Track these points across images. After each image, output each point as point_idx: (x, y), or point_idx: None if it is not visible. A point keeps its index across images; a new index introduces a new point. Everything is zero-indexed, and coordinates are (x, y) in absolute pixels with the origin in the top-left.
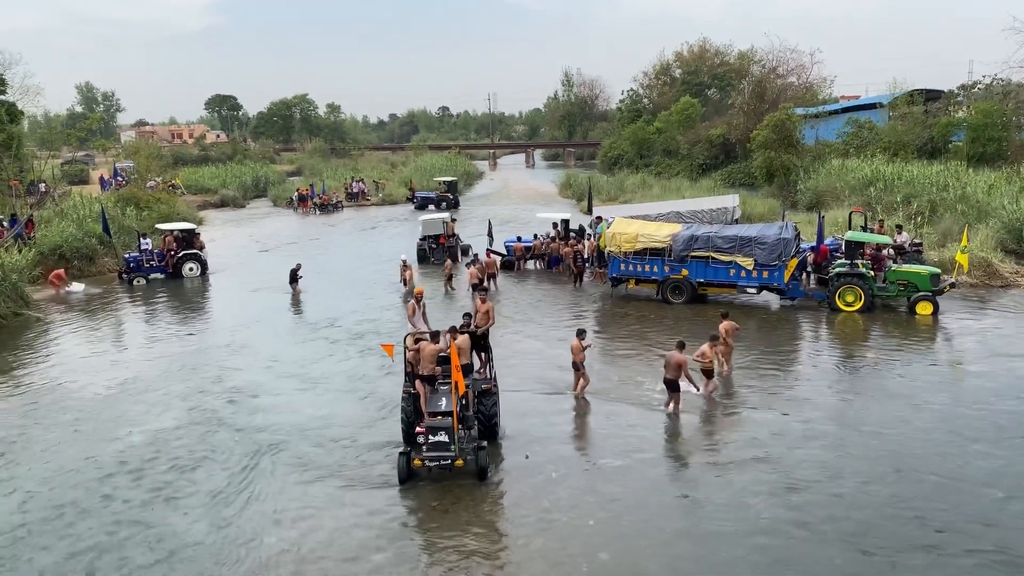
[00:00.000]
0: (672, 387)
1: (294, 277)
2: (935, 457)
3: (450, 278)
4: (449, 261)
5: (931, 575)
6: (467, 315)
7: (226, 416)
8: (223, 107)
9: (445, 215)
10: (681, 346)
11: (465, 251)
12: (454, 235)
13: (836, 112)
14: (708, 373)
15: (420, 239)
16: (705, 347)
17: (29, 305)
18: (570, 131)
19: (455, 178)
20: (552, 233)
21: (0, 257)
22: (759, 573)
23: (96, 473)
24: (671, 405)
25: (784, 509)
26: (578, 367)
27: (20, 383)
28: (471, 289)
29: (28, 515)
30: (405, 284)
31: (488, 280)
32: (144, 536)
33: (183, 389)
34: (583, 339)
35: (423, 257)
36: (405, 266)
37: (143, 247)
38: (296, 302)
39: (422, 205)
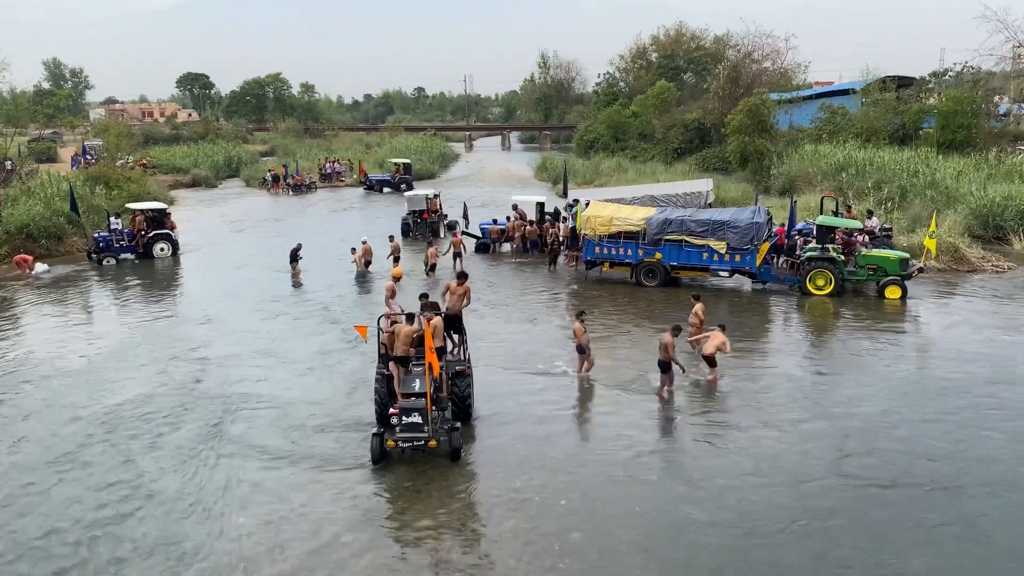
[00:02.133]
0: (662, 368)
1: (295, 257)
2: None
3: (396, 259)
4: (397, 242)
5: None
6: (424, 295)
7: (199, 393)
8: (195, 85)
9: (429, 191)
10: (676, 330)
11: (451, 227)
12: (438, 211)
13: (810, 98)
14: (711, 361)
15: (405, 214)
16: (719, 336)
17: None
18: (546, 114)
19: (410, 160)
20: (513, 215)
21: None
22: (727, 554)
23: (77, 433)
24: (662, 386)
25: (755, 488)
26: (582, 349)
27: None
28: (428, 270)
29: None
30: (357, 265)
31: (455, 259)
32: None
33: (155, 362)
34: (584, 321)
35: (406, 231)
36: (365, 248)
37: (113, 227)
38: (296, 282)
39: (379, 189)
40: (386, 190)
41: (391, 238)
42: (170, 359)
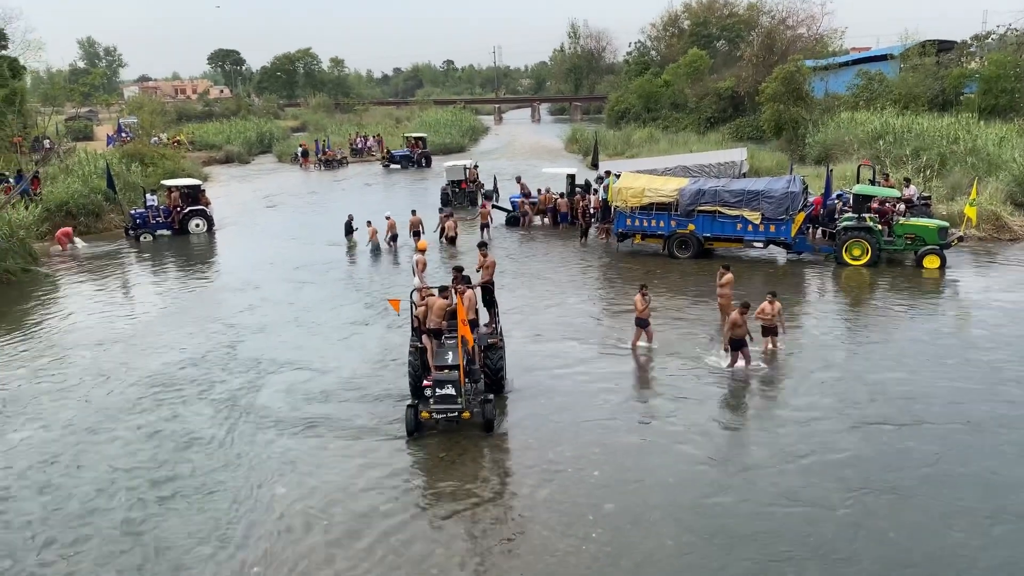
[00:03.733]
0: (735, 346)
1: (349, 229)
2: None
3: (417, 234)
4: (418, 216)
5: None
6: (457, 268)
7: (236, 360)
8: (226, 62)
9: (468, 161)
10: (745, 307)
11: (489, 196)
12: (476, 180)
13: (846, 64)
14: (769, 330)
15: (444, 184)
16: (765, 304)
17: (37, 261)
18: (576, 85)
19: (425, 134)
20: (522, 190)
21: (7, 214)
22: (759, 524)
23: (130, 392)
24: (739, 362)
25: (791, 458)
26: (643, 322)
27: (41, 327)
28: (446, 241)
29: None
30: (372, 240)
31: (482, 230)
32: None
33: (194, 330)
34: (646, 295)
35: (446, 201)
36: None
37: (149, 203)
38: (352, 253)
39: (404, 165)
40: (411, 166)
41: (413, 212)
42: (208, 327)
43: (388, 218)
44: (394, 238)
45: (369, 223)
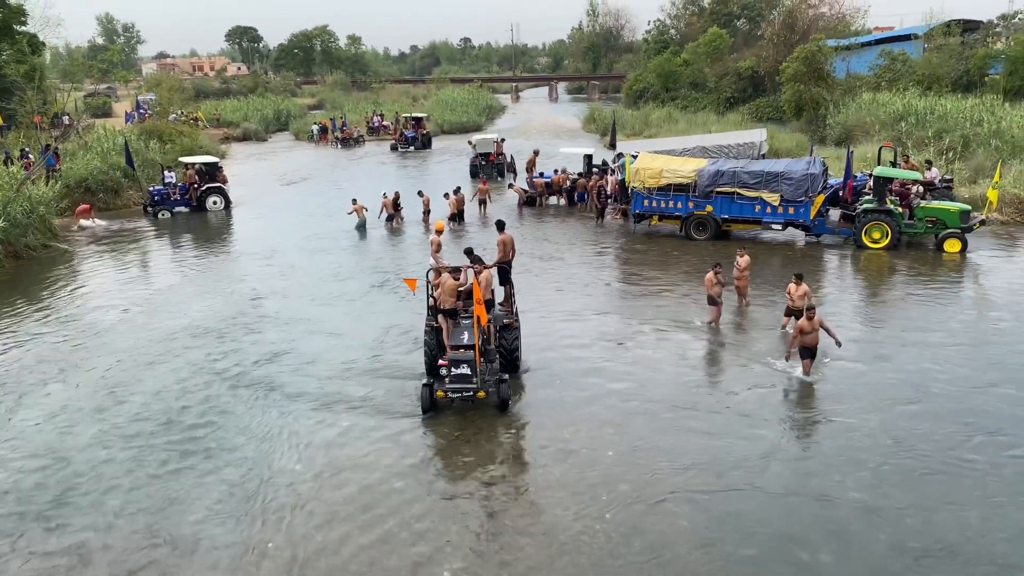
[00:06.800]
0: (803, 355)
1: (396, 205)
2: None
3: (427, 212)
4: (427, 197)
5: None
6: (467, 250)
7: (254, 339)
8: (243, 39)
9: (495, 135)
10: (812, 311)
11: (512, 168)
12: (502, 153)
13: (869, 44)
14: (793, 312)
15: (473, 156)
16: (791, 286)
17: (57, 237)
18: (595, 63)
19: (425, 115)
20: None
21: (28, 190)
22: (777, 507)
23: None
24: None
25: (799, 439)
26: (714, 300)
27: (64, 298)
28: (450, 220)
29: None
30: (359, 216)
31: (480, 207)
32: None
33: (213, 299)
34: (718, 273)
35: (475, 172)
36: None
37: (167, 180)
38: (398, 230)
39: (418, 146)
40: (410, 148)
41: (420, 193)
42: (224, 298)
43: (384, 196)
44: (390, 218)
45: (354, 201)
